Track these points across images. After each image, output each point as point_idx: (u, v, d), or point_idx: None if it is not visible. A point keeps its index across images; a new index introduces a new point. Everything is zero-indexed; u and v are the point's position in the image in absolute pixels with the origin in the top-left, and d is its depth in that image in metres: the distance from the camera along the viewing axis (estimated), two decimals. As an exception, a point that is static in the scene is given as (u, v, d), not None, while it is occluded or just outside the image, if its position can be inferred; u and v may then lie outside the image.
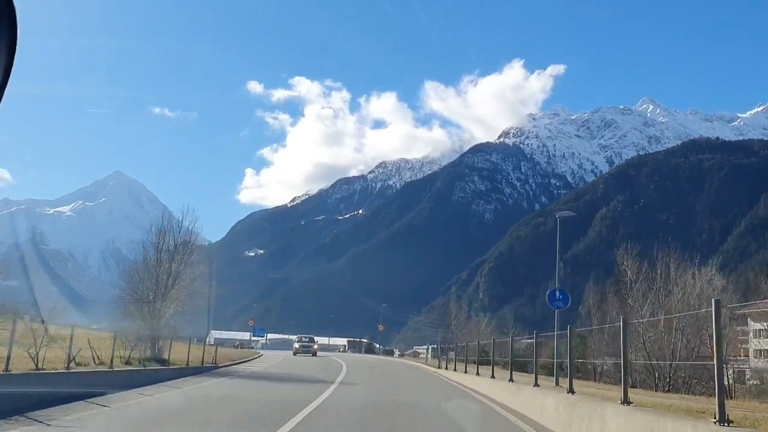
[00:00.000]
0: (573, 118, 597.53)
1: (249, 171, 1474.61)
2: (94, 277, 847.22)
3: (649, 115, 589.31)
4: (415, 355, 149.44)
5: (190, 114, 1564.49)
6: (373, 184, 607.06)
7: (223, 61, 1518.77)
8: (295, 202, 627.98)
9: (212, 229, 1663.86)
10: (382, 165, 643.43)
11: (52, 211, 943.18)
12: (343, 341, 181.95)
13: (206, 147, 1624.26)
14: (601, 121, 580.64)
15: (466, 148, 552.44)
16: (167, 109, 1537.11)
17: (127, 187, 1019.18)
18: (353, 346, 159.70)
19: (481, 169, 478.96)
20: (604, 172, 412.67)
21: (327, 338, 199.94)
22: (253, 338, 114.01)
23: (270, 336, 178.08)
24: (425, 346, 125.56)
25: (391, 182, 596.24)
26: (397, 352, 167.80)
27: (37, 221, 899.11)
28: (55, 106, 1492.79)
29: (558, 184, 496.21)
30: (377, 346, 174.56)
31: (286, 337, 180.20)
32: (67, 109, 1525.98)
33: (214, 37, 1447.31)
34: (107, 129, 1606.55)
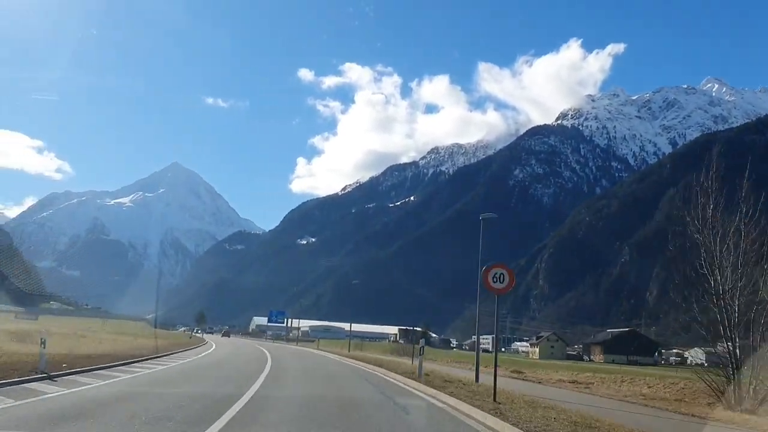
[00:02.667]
0: (633, 98, 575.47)
1: (301, 160, 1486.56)
2: (153, 266, 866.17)
3: (714, 94, 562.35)
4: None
5: (243, 103, 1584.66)
6: (425, 170, 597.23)
7: (274, 49, 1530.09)
8: (346, 190, 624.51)
9: (266, 219, 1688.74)
10: (435, 150, 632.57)
11: (112, 202, 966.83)
12: (394, 329, 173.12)
13: (259, 136, 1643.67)
14: (664, 102, 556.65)
15: (522, 131, 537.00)
16: (220, 99, 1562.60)
17: (184, 178, 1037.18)
18: (405, 335, 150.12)
19: (539, 152, 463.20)
20: (666, 154, 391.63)
21: (378, 326, 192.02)
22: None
23: (313, 323, 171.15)
24: (488, 337, 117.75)
25: (443, 168, 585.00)
26: (454, 342, 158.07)
27: (97, 212, 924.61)
28: (113, 100, 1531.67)
29: (619, 166, 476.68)
30: (433, 335, 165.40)
31: (331, 324, 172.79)
32: (124, 102, 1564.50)
33: (264, 25, 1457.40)
34: (164, 121, 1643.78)
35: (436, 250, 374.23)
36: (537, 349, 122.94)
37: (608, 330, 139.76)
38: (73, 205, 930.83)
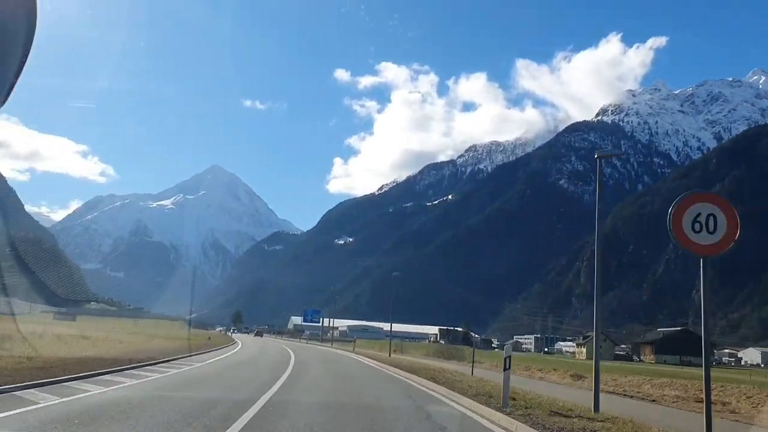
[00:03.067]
0: (676, 93, 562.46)
1: (337, 160, 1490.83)
2: (194, 267, 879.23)
3: (761, 86, 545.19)
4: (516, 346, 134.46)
5: (280, 105, 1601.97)
6: (463, 169, 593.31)
7: (311, 50, 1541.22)
8: (383, 190, 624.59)
9: (303, 219, 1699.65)
10: (472, 148, 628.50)
11: (154, 204, 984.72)
12: (434, 329, 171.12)
13: (296, 138, 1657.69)
14: (708, 96, 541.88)
15: (562, 127, 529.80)
16: (258, 101, 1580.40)
17: (224, 180, 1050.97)
18: (446, 336, 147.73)
19: (579, 148, 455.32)
20: (711, 149, 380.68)
21: (417, 326, 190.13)
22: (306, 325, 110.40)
23: (350, 323, 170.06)
24: (530, 337, 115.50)
25: (481, 166, 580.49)
26: (495, 342, 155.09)
27: (140, 215, 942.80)
28: (155, 105, 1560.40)
29: (662, 162, 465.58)
30: (474, 335, 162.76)
31: (369, 324, 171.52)
32: (166, 107, 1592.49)
33: (301, 27, 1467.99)
34: (204, 124, 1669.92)
35: (475, 249, 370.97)
36: (584, 349, 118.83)
37: (659, 329, 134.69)
38: (117, 208, 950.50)
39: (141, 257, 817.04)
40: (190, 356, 31.80)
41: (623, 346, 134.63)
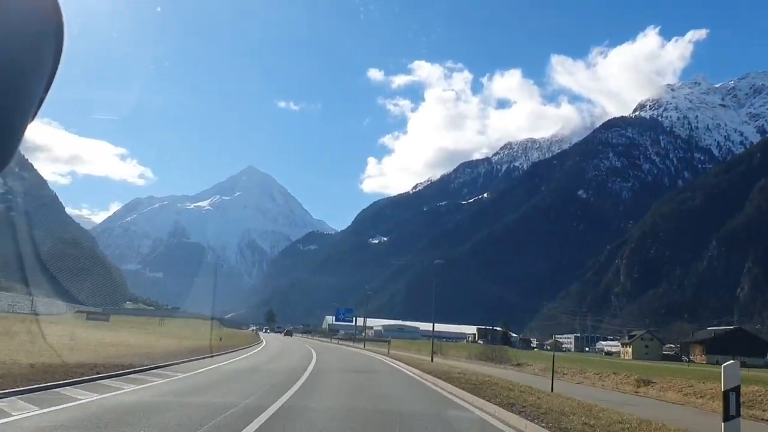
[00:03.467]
0: (717, 86, 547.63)
1: (371, 160, 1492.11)
2: (231, 267, 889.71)
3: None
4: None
5: (314, 106, 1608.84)
6: (498, 167, 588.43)
7: (344, 51, 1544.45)
8: (417, 189, 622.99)
9: (337, 219, 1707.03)
10: (508, 146, 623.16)
11: (192, 206, 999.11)
12: (471, 329, 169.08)
13: (330, 138, 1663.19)
14: (750, 88, 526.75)
15: (598, 123, 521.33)
16: (292, 102, 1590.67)
17: (259, 181, 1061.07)
18: (484, 335, 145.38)
19: (616, 145, 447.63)
20: (754, 143, 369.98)
21: (454, 326, 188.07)
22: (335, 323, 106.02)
23: (386, 322, 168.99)
24: (569, 337, 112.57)
25: (517, 164, 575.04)
26: (534, 342, 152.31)
27: (178, 216, 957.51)
28: (191, 108, 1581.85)
29: (702, 158, 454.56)
30: (513, 335, 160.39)
31: (404, 323, 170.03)
32: (202, 110, 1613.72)
33: (334, 27, 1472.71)
34: (239, 126, 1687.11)
35: (512, 247, 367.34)
36: (629, 349, 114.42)
37: (709, 328, 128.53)
38: (155, 210, 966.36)
39: (179, 258, 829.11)
40: (191, 360, 26.57)
41: (671, 345, 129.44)
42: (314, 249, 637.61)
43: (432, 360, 40.90)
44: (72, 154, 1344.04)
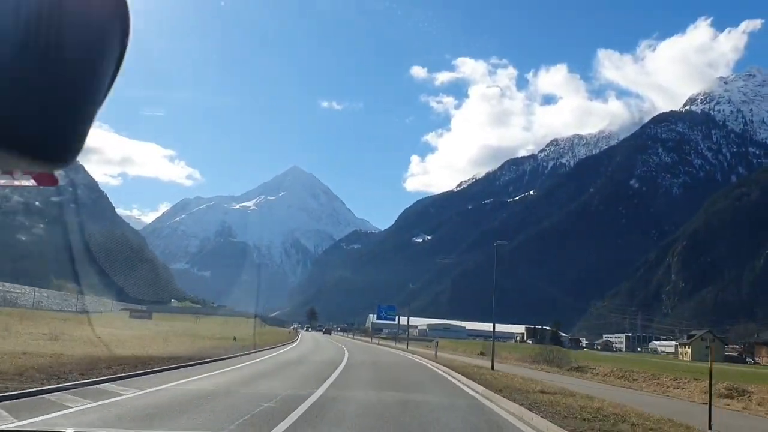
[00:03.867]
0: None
1: (414, 158, 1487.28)
2: (276, 266, 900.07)
3: None
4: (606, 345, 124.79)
5: (357, 104, 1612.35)
6: (544, 164, 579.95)
7: (386, 48, 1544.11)
8: (462, 187, 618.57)
9: (381, 218, 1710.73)
10: (554, 143, 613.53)
11: (238, 206, 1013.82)
12: (518, 328, 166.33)
13: (373, 136, 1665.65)
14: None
15: (647, 119, 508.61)
16: (335, 101, 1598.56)
17: (303, 181, 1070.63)
18: (533, 335, 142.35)
19: (666, 140, 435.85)
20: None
21: (501, 325, 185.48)
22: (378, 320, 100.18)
23: (431, 321, 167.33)
24: (620, 336, 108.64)
25: (563, 160, 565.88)
26: (584, 342, 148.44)
27: (225, 216, 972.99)
28: (237, 110, 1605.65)
29: (758, 152, 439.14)
30: (563, 335, 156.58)
31: (450, 322, 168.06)
32: (247, 112, 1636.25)
33: (376, 25, 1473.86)
34: (283, 127, 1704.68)
35: (559, 245, 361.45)
36: (689, 350, 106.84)
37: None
38: (203, 210, 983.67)
39: (225, 257, 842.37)
40: (185, 366, 22.12)
41: (734, 346, 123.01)
42: (357, 248, 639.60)
43: (492, 367, 31.43)
44: (123, 156, 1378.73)
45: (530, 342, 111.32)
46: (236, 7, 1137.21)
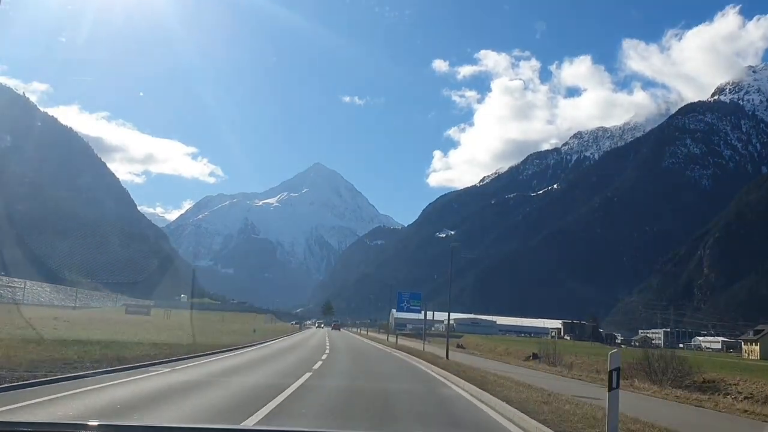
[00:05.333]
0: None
1: (437, 153, 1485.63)
2: (299, 263, 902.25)
3: None
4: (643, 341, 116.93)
5: (378, 99, 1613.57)
6: (568, 157, 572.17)
7: (408, 43, 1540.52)
8: (485, 182, 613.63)
9: (404, 214, 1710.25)
10: (578, 135, 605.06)
11: (260, 203, 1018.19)
12: (553, 323, 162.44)
13: (395, 132, 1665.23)
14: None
15: (674, 110, 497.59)
16: (357, 97, 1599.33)
17: (326, 178, 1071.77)
18: (571, 330, 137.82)
19: (694, 131, 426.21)
20: None
21: (532, 320, 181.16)
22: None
23: (458, 316, 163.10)
24: (658, 331, 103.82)
25: (588, 153, 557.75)
26: (619, 338, 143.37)
27: (247, 213, 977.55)
28: (259, 107, 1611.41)
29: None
30: (601, 332, 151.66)
31: (479, 317, 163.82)
32: (269, 109, 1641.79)
33: (397, 18, 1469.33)
34: (305, 124, 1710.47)
35: (585, 239, 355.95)
36: (756, 347, 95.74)
37: None
38: (226, 207, 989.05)
39: (249, 254, 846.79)
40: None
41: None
42: (381, 244, 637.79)
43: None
44: (146, 154, 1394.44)
45: (568, 338, 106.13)
46: (258, 5, 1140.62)
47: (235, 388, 14.13)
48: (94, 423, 3.44)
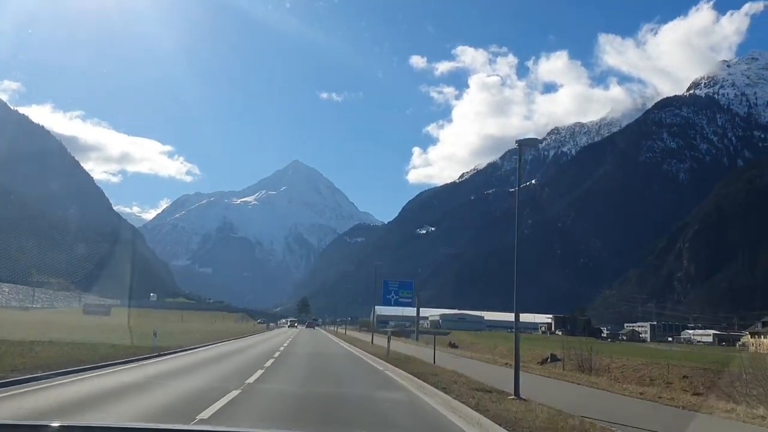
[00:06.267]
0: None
1: (416, 150, 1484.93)
2: (279, 261, 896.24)
3: None
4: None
5: (356, 95, 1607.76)
6: (546, 152, 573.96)
7: (385, 38, 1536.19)
8: (464, 178, 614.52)
9: (384, 211, 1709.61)
10: (555, 131, 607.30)
11: (238, 201, 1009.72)
12: (542, 318, 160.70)
13: (374, 129, 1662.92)
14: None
15: (650, 104, 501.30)
16: (334, 93, 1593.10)
17: (305, 175, 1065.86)
18: (563, 325, 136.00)
19: (671, 125, 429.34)
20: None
21: (524, 314, 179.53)
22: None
23: (444, 311, 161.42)
24: (644, 325, 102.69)
25: (565, 149, 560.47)
26: (605, 332, 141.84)
27: (226, 212, 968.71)
28: (235, 103, 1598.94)
29: (763, 135, 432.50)
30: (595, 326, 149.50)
31: (465, 312, 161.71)
32: (245, 106, 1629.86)
33: (373, 14, 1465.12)
34: (283, 121, 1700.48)
35: (564, 234, 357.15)
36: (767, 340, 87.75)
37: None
38: (203, 206, 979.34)
39: (228, 253, 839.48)
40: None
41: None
42: (361, 241, 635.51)
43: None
44: (122, 153, 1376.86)
45: (560, 333, 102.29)
46: (233, 2, 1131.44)
47: None
48: (55, 425, 3.36)
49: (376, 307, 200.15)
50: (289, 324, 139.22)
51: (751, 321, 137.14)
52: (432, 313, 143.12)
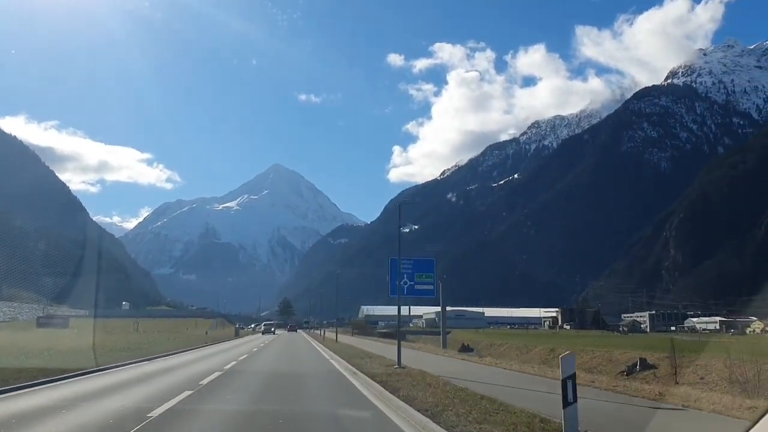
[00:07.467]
0: (751, 48, 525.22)
1: (396, 148, 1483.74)
2: (263, 265, 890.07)
3: None
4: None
5: (335, 95, 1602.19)
6: (527, 146, 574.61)
7: (361, 37, 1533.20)
8: (445, 175, 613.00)
9: (366, 211, 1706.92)
10: (535, 125, 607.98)
11: (220, 207, 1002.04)
12: (535, 312, 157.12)
13: (353, 129, 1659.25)
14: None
15: (629, 95, 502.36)
16: (312, 94, 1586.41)
17: (286, 178, 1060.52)
18: (571, 318, 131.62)
19: (650, 114, 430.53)
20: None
21: (520, 309, 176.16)
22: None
23: (438, 309, 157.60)
24: (643, 315, 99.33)
25: (546, 142, 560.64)
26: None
27: (208, 218, 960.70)
28: (213, 110, 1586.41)
29: (742, 122, 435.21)
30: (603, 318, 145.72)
31: (464, 309, 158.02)
32: (224, 111, 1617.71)
33: (349, 12, 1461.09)
34: (262, 124, 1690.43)
35: (549, 227, 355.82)
36: None
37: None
38: (185, 213, 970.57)
39: (211, 259, 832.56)
40: None
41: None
42: (345, 242, 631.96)
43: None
44: (100, 162, 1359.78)
45: (568, 327, 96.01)
46: (204, 10, 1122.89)
47: None
48: None
49: (363, 306, 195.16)
50: (263, 329, 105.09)
51: (739, 308, 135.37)
52: (427, 311, 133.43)
